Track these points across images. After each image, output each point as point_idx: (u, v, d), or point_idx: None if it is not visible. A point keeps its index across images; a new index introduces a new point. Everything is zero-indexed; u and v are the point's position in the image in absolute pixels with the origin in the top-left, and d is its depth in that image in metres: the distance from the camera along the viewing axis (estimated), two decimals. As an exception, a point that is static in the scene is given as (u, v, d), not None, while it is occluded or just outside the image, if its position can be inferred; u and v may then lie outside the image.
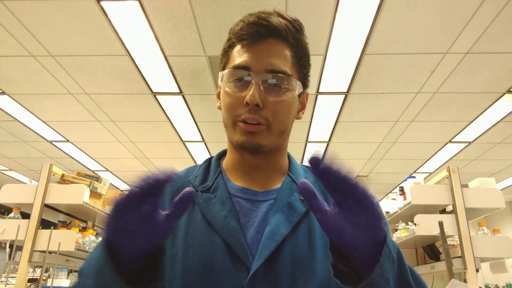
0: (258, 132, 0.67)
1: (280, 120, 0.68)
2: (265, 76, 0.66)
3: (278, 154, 0.74)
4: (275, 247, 0.61)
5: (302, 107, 0.76)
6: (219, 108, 0.75)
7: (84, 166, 6.58)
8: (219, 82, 0.71)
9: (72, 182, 2.83)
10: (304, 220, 0.66)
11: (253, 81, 0.66)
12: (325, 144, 5.49)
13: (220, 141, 5.44)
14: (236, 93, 0.68)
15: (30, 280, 3.13)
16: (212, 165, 0.77)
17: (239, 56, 0.69)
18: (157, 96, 4.19)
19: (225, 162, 0.77)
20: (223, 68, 0.72)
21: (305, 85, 0.74)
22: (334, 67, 3.59)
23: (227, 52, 0.73)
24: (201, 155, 6.03)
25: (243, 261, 0.61)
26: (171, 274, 0.61)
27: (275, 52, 0.68)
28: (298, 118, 0.75)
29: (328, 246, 0.57)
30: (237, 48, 0.70)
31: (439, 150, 5.55)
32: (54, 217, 3.05)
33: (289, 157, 0.78)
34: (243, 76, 0.67)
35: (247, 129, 0.66)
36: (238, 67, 0.68)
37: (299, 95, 0.73)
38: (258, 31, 0.67)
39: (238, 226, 0.64)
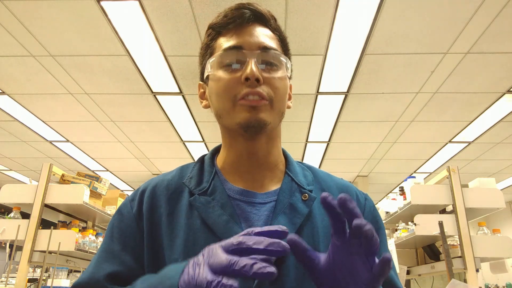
0: (262, 107, 0.63)
1: (281, 97, 0.66)
2: (259, 53, 0.65)
3: (275, 142, 0.71)
4: None
5: (289, 97, 0.75)
6: (206, 107, 0.73)
7: (84, 166, 6.58)
8: (207, 71, 0.68)
9: (72, 182, 2.82)
10: (307, 222, 0.64)
11: (248, 59, 0.64)
12: (325, 144, 5.49)
13: (220, 141, 5.43)
14: (230, 75, 0.65)
15: (30, 280, 3.12)
16: (206, 164, 0.73)
17: (227, 41, 0.67)
18: (157, 96, 4.19)
19: (220, 161, 0.73)
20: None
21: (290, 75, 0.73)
22: (334, 67, 3.59)
23: (209, 45, 0.71)
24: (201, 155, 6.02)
25: None
26: None
27: (263, 33, 0.68)
28: (288, 107, 0.73)
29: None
30: (222, 36, 0.69)
31: (439, 150, 5.55)
32: (54, 217, 3.04)
33: (284, 153, 0.76)
34: (236, 56, 0.65)
35: (250, 104, 0.62)
36: (230, 48, 0.66)
37: (289, 79, 0.72)
38: (243, 14, 0.67)
39: (241, 231, 0.61)
